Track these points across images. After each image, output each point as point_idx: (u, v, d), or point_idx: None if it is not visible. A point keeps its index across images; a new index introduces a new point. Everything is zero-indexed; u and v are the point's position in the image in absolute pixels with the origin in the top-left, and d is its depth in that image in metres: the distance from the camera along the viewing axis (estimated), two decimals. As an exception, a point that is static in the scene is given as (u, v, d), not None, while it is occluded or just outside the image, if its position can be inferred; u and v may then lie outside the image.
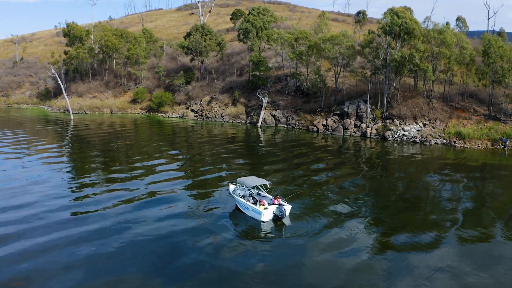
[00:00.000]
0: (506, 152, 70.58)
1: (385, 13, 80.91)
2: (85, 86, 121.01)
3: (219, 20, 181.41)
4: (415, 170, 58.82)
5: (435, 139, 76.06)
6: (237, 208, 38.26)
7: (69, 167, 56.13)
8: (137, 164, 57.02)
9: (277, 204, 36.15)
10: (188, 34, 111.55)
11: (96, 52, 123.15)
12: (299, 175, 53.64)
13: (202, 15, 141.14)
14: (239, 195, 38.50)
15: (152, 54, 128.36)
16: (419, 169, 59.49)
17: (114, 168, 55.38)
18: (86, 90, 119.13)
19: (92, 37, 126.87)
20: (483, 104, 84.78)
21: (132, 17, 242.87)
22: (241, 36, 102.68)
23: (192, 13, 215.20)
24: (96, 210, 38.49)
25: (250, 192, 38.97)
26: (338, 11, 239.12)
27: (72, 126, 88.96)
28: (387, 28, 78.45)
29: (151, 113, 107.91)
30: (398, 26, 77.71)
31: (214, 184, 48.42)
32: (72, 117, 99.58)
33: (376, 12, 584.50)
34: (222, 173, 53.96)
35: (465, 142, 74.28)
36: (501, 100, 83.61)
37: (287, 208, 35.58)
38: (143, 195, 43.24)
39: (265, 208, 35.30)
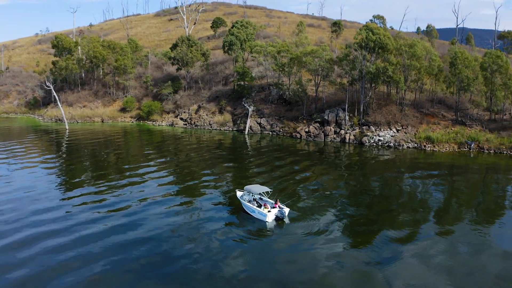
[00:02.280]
0: (471, 154, 78.49)
1: (360, 29, 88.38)
2: (74, 95, 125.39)
3: (199, 27, 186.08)
4: (390, 171, 66.55)
5: (407, 143, 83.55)
6: (243, 211, 45.56)
7: (77, 175, 61.71)
8: (140, 168, 63.40)
9: (278, 207, 43.67)
10: (175, 46, 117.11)
11: (84, 63, 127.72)
12: (285, 178, 60.81)
13: (187, 27, 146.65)
14: (246, 200, 45.73)
15: (137, 63, 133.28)
16: (393, 170, 67.20)
17: (122, 171, 61.56)
18: (75, 99, 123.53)
19: (79, 48, 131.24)
20: (451, 109, 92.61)
21: (111, 23, 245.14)
22: (226, 48, 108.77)
23: (171, 19, 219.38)
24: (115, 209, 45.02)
25: (254, 198, 46.23)
26: (313, 13, 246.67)
27: (70, 136, 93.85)
28: (363, 44, 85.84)
29: (141, 122, 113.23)
30: (373, 41, 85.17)
31: (215, 188, 55.09)
32: (67, 127, 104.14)
33: (349, 11, 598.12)
34: (216, 177, 60.82)
35: (434, 146, 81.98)
36: (467, 106, 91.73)
37: (286, 210, 43.55)
38: (150, 198, 49.92)
39: (268, 211, 43.06)
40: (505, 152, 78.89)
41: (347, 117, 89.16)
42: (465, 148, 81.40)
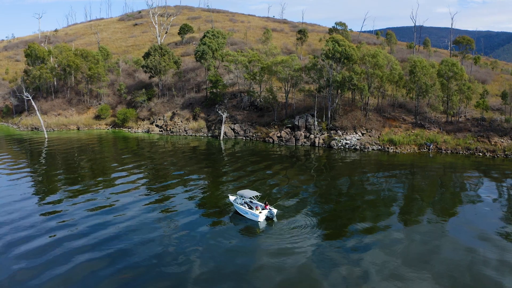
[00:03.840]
0: (430, 155, 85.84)
1: (327, 41, 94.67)
2: (48, 104, 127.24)
3: (163, 32, 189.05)
4: (356, 171, 73.85)
5: (372, 146, 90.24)
6: (236, 213, 51.76)
7: (68, 181, 65.76)
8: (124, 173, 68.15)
9: (268, 209, 50.08)
10: (147, 54, 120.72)
11: (58, 71, 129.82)
12: (260, 179, 67.81)
13: (159, 36, 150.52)
14: (239, 204, 51.76)
15: (108, 71, 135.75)
16: (360, 171, 74.42)
17: (107, 175, 66.40)
18: (50, 108, 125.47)
19: (51, 58, 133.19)
20: (411, 113, 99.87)
21: (75, 28, 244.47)
22: (198, 57, 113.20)
23: (136, 24, 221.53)
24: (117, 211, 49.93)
25: (245, 201, 52.06)
26: (273, 16, 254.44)
27: (50, 145, 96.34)
28: (330, 54, 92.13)
29: (116, 129, 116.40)
30: (339, 52, 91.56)
31: (202, 191, 60.36)
32: (46, 136, 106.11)
33: (307, 10, 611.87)
34: (196, 180, 66.57)
35: (396, 148, 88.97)
36: (426, 110, 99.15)
37: (274, 210, 49.96)
38: (154, 202, 54.88)
39: (259, 212, 49.36)
40: (461, 152, 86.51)
41: (316, 122, 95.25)
42: (424, 149, 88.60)
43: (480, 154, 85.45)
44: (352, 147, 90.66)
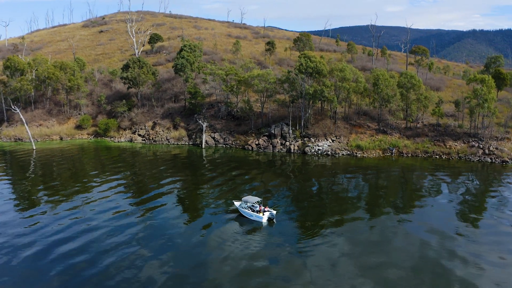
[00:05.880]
0: (393, 158, 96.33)
1: (299, 57, 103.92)
2: (28, 114, 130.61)
3: (131, 40, 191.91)
4: (328, 174, 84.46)
5: (341, 151, 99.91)
6: (240, 215, 60.84)
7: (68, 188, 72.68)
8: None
9: (269, 211, 59.51)
10: (126, 66, 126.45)
11: (37, 83, 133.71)
12: (242, 183, 77.94)
13: (137, 49, 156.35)
14: (244, 208, 60.72)
15: (85, 81, 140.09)
16: (331, 173, 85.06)
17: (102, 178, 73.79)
18: (30, 118, 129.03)
19: (29, 69, 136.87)
20: (374, 120, 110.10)
21: (40, 35, 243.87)
22: (177, 70, 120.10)
23: (101, 31, 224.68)
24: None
25: (248, 205, 60.94)
26: (233, 20, 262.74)
27: (40, 155, 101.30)
28: (303, 70, 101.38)
29: (99, 138, 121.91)
30: (311, 68, 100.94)
31: (205, 197, 68.71)
32: (34, 147, 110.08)
33: (262, 9, 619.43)
34: (185, 184, 74.38)
35: (363, 152, 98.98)
36: (387, 117, 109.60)
37: (274, 212, 59.50)
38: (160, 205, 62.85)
39: (263, 214, 58.70)
40: (420, 155, 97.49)
41: (290, 131, 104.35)
42: (388, 153, 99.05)
43: (437, 156, 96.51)
44: (324, 153, 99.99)
